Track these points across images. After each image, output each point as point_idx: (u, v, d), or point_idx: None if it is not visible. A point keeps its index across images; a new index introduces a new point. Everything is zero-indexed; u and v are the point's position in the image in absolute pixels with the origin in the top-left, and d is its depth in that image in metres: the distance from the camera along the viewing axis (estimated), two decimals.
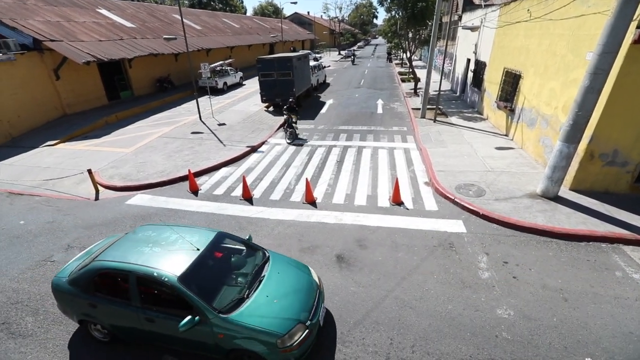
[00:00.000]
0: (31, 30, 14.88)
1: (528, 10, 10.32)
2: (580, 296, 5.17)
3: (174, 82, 23.91)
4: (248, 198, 8.56)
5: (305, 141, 12.80)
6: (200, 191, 9.02)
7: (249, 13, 79.19)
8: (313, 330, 4.16)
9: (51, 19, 17.17)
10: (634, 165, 7.49)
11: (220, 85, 23.07)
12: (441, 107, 16.47)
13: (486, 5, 15.44)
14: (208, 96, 18.09)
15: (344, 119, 15.93)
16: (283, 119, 13.89)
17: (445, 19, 26.26)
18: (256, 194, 8.83)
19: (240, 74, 26.53)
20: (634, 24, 6.04)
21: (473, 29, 14.01)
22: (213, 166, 10.47)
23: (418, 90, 20.50)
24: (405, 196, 8.35)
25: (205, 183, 9.52)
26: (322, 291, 4.79)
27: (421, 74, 24.28)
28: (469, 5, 19.28)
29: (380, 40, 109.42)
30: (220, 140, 12.97)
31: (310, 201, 8.27)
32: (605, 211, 7.11)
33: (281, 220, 7.58)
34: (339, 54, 57.71)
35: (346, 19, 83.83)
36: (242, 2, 69.21)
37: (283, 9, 51.89)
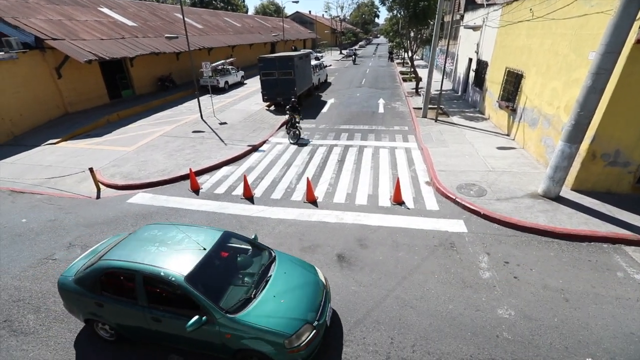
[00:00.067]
0: (33, 28, 14.91)
1: (530, 9, 10.28)
2: (581, 296, 5.17)
3: (175, 81, 23.94)
4: (249, 197, 8.56)
5: (309, 141, 12.77)
6: (201, 190, 9.04)
7: (251, 12, 79.23)
8: (320, 330, 4.14)
9: (53, 17, 17.20)
10: (636, 166, 7.47)
11: (221, 84, 23.08)
12: (442, 107, 16.45)
13: (488, 5, 15.39)
14: (209, 95, 18.11)
15: (345, 118, 15.93)
16: (284, 118, 13.90)
17: (447, 18, 26.19)
18: (257, 193, 8.83)
19: (241, 73, 26.53)
20: (637, 24, 6.01)
21: (475, 29, 13.98)
22: (214, 165, 10.48)
23: (419, 90, 20.48)
24: (407, 196, 8.34)
25: (206, 182, 9.53)
26: (329, 291, 4.77)
27: (423, 73, 24.25)
28: (471, 5, 19.23)
29: (381, 39, 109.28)
30: (221, 139, 12.98)
31: (311, 200, 8.27)
32: (607, 211, 7.09)
33: (282, 219, 7.58)
34: (341, 53, 57.68)
35: (348, 18, 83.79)
36: (244, 1, 69.20)
37: (284, 7, 51.84)
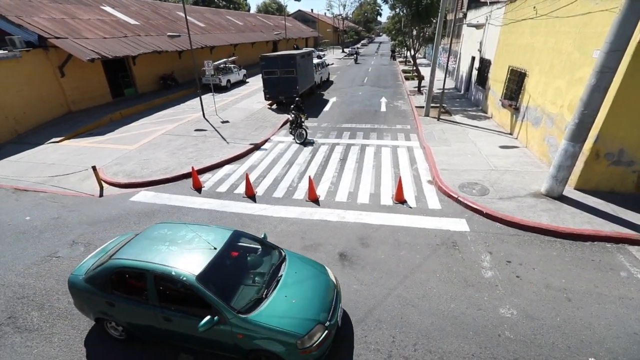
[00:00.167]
0: (36, 27, 14.97)
1: (534, 7, 10.21)
2: (584, 296, 5.15)
3: (177, 80, 23.97)
4: (251, 195, 8.58)
5: (314, 141, 12.60)
6: (203, 188, 9.06)
7: (253, 10, 79.21)
8: (332, 330, 4.12)
9: (56, 16, 17.25)
10: None
11: (223, 83, 23.08)
12: (445, 106, 16.38)
13: (491, 3, 15.30)
14: (211, 94, 18.13)
15: (347, 117, 15.90)
16: (288, 117, 13.85)
17: (450, 17, 26.04)
18: (259, 191, 8.85)
19: (243, 71, 26.52)
20: None
21: (478, 27, 13.89)
22: (216, 163, 10.50)
23: (422, 88, 20.41)
24: (409, 194, 8.33)
25: (208, 180, 9.55)
26: (340, 291, 4.74)
27: (425, 72, 24.15)
28: (474, 3, 19.12)
29: (384, 38, 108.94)
30: (223, 137, 13.00)
31: (313, 199, 8.28)
32: (610, 211, 7.05)
33: (284, 217, 7.59)
34: (343, 51, 57.55)
35: (350, 16, 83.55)
36: (246, 0, 69.15)
37: (287, 6, 51.72)
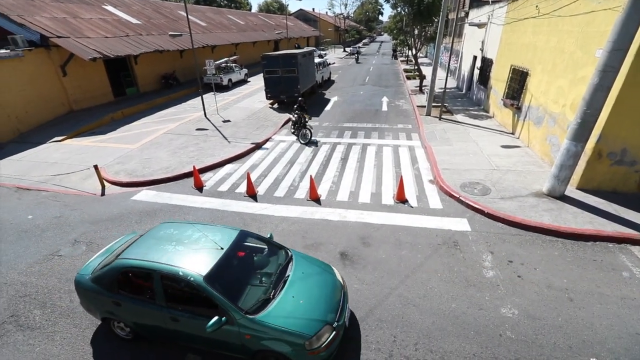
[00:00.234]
0: (38, 26, 15.00)
1: (536, 6, 10.17)
2: (586, 296, 5.13)
3: (179, 79, 23.99)
4: (252, 195, 8.58)
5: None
6: (204, 187, 9.07)
7: (254, 9, 79.14)
8: (340, 331, 4.10)
9: (58, 15, 17.29)
10: None
11: (225, 82, 23.09)
12: (447, 105, 16.35)
13: (493, 2, 15.25)
14: (213, 93, 18.15)
15: (348, 116, 15.89)
16: (289, 117, 13.82)
17: (452, 16, 25.98)
18: (260, 190, 8.85)
19: (245, 70, 26.52)
20: None
21: (480, 26, 13.85)
22: (217, 163, 10.51)
23: (423, 88, 20.38)
24: (410, 194, 8.32)
25: (209, 179, 9.56)
26: (347, 291, 4.71)
27: (427, 71, 24.11)
28: (476, 2, 19.06)
29: (385, 37, 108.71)
30: (224, 137, 13.01)
31: (315, 198, 8.28)
32: (612, 211, 7.03)
33: (285, 217, 7.60)
34: (344, 50, 57.49)
35: (351, 15, 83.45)
36: None
37: (288, 5, 51.70)
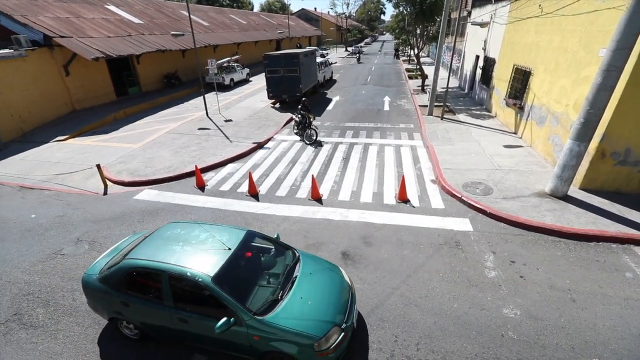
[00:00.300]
0: (41, 26, 15.07)
1: (539, 5, 10.12)
2: (588, 297, 5.11)
3: (181, 78, 24.04)
4: (254, 194, 8.59)
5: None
6: (206, 187, 9.09)
7: (256, 9, 79.20)
8: (348, 332, 4.08)
9: (61, 15, 17.36)
10: None
11: (227, 82, 23.12)
12: (449, 105, 16.31)
13: (496, 1, 15.19)
14: (215, 92, 18.16)
15: (350, 116, 15.87)
16: (292, 116, 13.80)
17: (454, 15, 25.92)
18: (262, 190, 8.86)
19: (247, 70, 26.55)
20: None
21: (482, 25, 13.78)
22: (219, 162, 10.53)
23: (425, 87, 20.33)
24: (412, 194, 8.31)
25: (211, 179, 9.58)
26: (354, 292, 4.69)
27: (429, 70, 24.04)
28: (479, 1, 19.01)
29: (387, 36, 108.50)
30: (226, 136, 13.03)
31: (316, 198, 8.28)
32: (616, 211, 6.99)
33: (287, 216, 7.60)
34: (346, 50, 57.42)
35: (353, 15, 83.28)
36: None
37: (290, 4, 51.67)
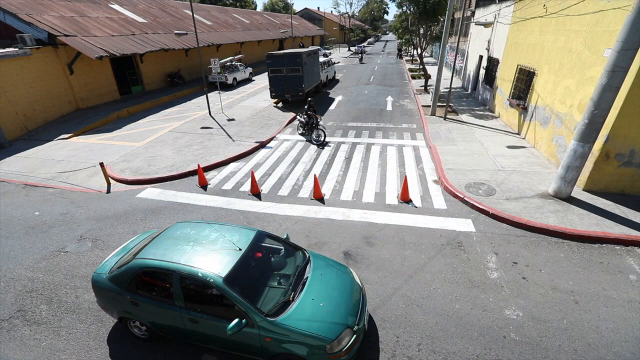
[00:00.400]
0: (46, 25, 15.14)
1: (544, 5, 10.06)
2: (592, 299, 5.08)
3: (184, 77, 24.11)
4: (256, 193, 8.61)
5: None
6: (209, 186, 9.11)
7: (259, 8, 79.25)
8: (360, 335, 4.05)
9: (65, 14, 17.45)
10: None
11: (230, 81, 23.17)
12: (452, 105, 16.25)
13: (500, 1, 15.11)
14: (218, 91, 18.21)
15: (353, 116, 15.86)
16: (297, 117, 13.75)
17: (458, 15, 25.80)
18: (264, 189, 8.87)
19: (249, 69, 26.57)
20: None
21: (486, 25, 13.71)
22: (222, 161, 10.55)
23: (428, 87, 20.27)
24: (414, 194, 8.29)
25: (214, 178, 9.61)
26: (365, 294, 4.65)
27: (432, 70, 23.99)
28: (483, 1, 18.91)
29: (390, 36, 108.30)
30: (229, 135, 13.05)
31: (318, 197, 8.28)
32: (620, 213, 6.94)
33: (289, 215, 7.61)
34: (349, 50, 57.37)
35: (356, 14, 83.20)
36: None
37: (293, 4, 51.71)
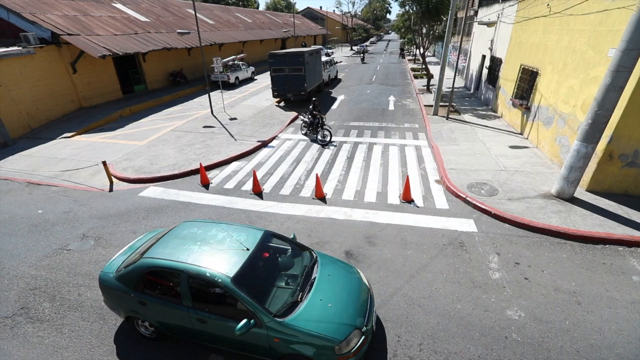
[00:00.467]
0: (49, 24, 15.21)
1: (547, 5, 10.01)
2: (594, 300, 5.06)
3: (186, 76, 24.17)
4: (258, 192, 8.61)
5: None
6: (211, 185, 9.13)
7: (261, 8, 79.19)
8: (368, 336, 4.04)
9: (69, 13, 17.51)
10: None
11: (232, 80, 23.21)
12: (454, 104, 16.21)
13: (503, 0, 15.04)
14: (220, 90, 18.24)
15: (355, 115, 15.84)
16: (300, 116, 13.73)
17: (461, 14, 25.71)
18: (266, 188, 8.88)
19: (252, 68, 26.60)
20: None
21: (489, 25, 13.66)
22: (224, 160, 10.57)
23: (431, 87, 20.20)
24: (416, 194, 8.27)
25: (216, 177, 9.62)
26: (373, 294, 4.64)
27: (434, 70, 23.92)
28: (486, 0, 18.83)
29: (393, 35, 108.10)
30: (231, 134, 13.07)
31: (320, 197, 8.28)
32: (623, 214, 6.91)
33: (291, 215, 7.61)
34: (351, 49, 57.29)
35: (359, 14, 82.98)
36: None
37: (295, 3, 51.66)
